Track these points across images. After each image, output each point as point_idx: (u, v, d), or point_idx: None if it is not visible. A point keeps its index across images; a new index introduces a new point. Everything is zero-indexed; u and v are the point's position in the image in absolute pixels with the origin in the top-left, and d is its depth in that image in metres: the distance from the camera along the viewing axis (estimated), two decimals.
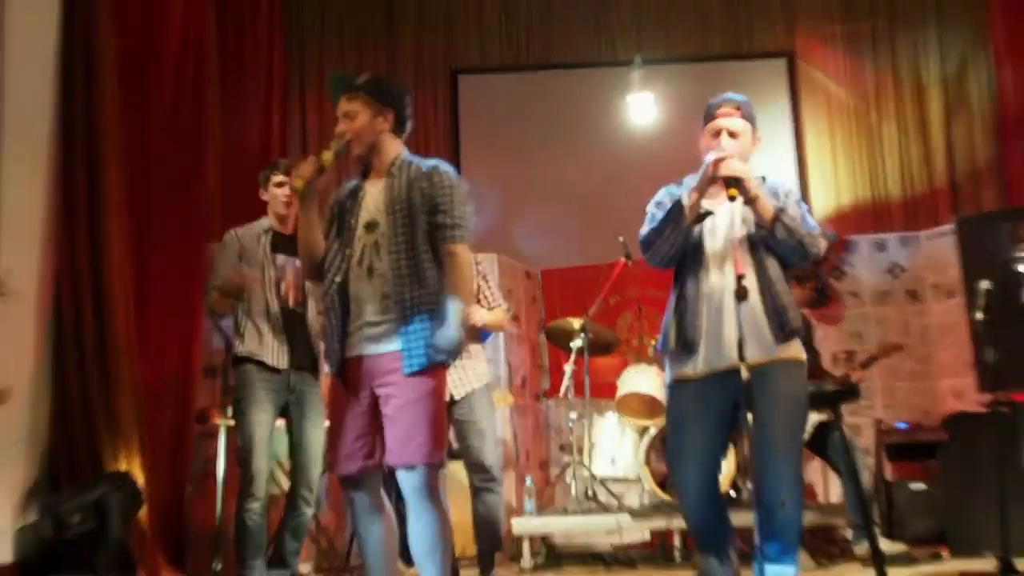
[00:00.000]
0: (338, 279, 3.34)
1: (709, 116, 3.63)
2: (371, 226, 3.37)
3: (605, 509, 6.13)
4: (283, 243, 4.69)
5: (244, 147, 7.80)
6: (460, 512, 6.62)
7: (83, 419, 5.20)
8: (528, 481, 6.53)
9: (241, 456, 4.60)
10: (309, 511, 4.71)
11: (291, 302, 4.65)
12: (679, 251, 3.49)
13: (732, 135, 3.55)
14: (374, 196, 3.42)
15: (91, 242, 5.33)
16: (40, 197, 5.27)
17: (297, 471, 4.72)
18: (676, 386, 3.52)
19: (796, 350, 3.52)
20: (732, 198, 3.33)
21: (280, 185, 4.65)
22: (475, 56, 9.04)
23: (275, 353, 4.58)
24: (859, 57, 8.86)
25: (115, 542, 4.94)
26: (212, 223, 6.59)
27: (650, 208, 3.64)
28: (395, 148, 3.49)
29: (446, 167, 3.42)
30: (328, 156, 3.38)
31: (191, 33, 6.50)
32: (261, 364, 4.57)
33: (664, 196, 3.64)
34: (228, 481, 5.54)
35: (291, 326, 4.63)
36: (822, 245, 3.66)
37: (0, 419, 4.82)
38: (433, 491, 3.27)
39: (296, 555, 4.70)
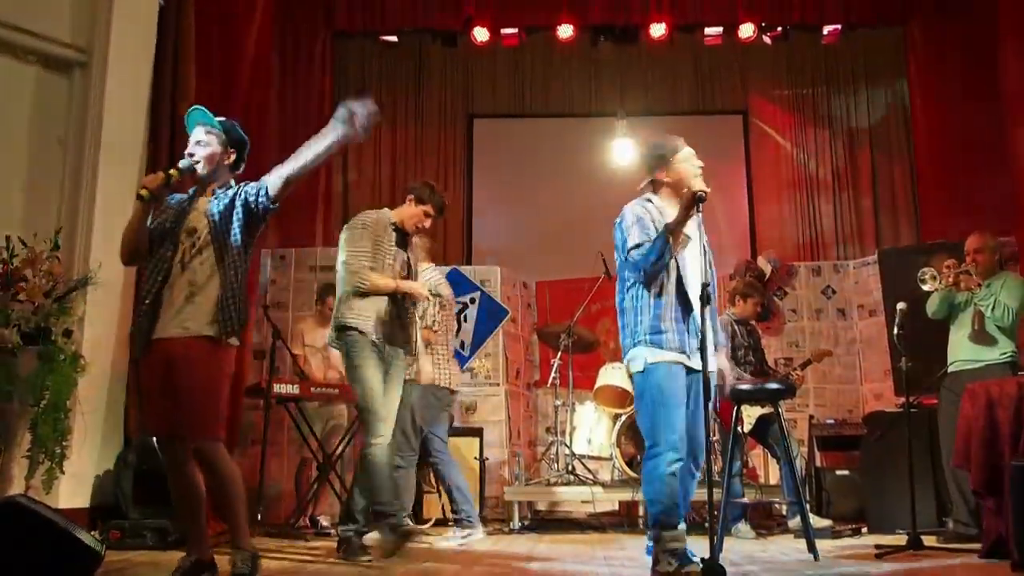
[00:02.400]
0: (160, 276, 3.28)
1: (665, 159, 3.71)
2: (191, 232, 3.33)
3: (582, 482, 6.07)
4: (399, 238, 4.37)
5: None
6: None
7: None
8: (519, 456, 6.49)
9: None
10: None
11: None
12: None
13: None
14: (198, 210, 3.36)
15: None
16: (128, 202, 5.22)
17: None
18: (668, 366, 3.50)
19: None
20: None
21: (428, 216, 4.37)
22: (488, 104, 9.09)
23: (381, 328, 4.17)
24: (801, 115, 8.90)
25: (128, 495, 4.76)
26: (266, 231, 6.53)
27: (634, 226, 3.62)
28: (227, 178, 3.45)
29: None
30: (175, 173, 3.30)
31: (258, 77, 6.45)
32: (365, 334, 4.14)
33: (644, 214, 3.65)
34: (269, 445, 5.50)
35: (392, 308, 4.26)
36: None
37: (88, 388, 4.78)
38: None
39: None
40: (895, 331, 4.77)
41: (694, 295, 3.48)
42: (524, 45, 8.50)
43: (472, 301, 7.70)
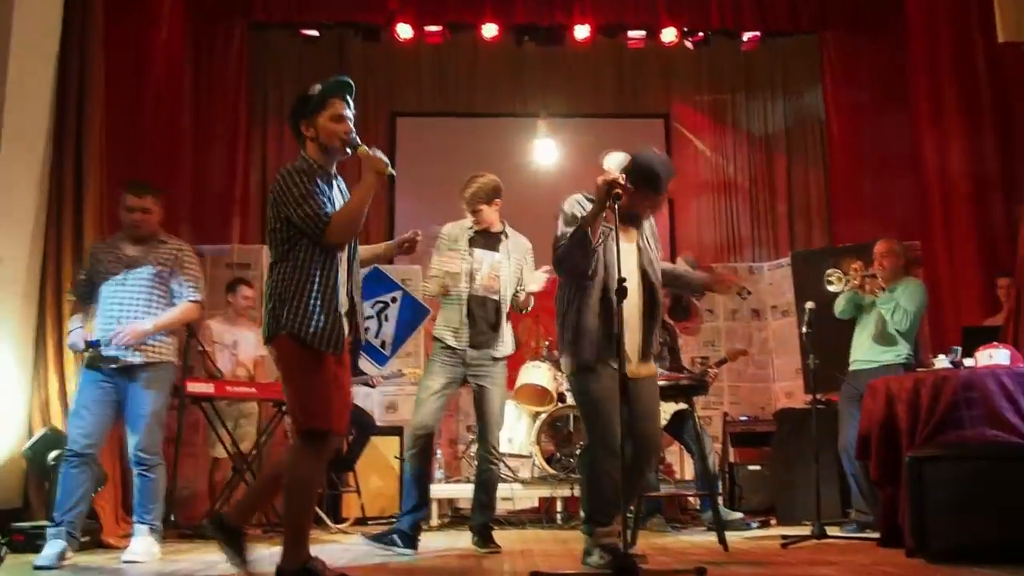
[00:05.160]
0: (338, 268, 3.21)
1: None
2: None
3: (502, 479, 6.15)
4: (482, 240, 4.62)
5: (213, 162, 7.70)
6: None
7: (61, 397, 4.99)
8: (439, 454, 6.54)
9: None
10: (495, 467, 4.55)
11: (483, 290, 4.52)
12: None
13: None
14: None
15: (74, 238, 5.17)
16: (33, 197, 5.11)
17: (482, 433, 4.54)
18: (591, 370, 3.50)
19: None
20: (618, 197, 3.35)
21: (475, 212, 4.70)
22: (411, 102, 9.08)
23: (459, 334, 4.43)
24: (720, 120, 9.14)
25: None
26: (180, 226, 6.44)
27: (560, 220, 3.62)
28: None
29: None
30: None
31: (170, 65, 6.38)
32: (444, 343, 4.44)
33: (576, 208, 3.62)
34: (183, 446, 5.45)
35: (479, 310, 4.51)
36: None
37: None
38: None
39: (485, 507, 4.47)
40: (803, 330, 5.01)
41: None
42: (448, 43, 8.54)
43: (393, 300, 7.73)
